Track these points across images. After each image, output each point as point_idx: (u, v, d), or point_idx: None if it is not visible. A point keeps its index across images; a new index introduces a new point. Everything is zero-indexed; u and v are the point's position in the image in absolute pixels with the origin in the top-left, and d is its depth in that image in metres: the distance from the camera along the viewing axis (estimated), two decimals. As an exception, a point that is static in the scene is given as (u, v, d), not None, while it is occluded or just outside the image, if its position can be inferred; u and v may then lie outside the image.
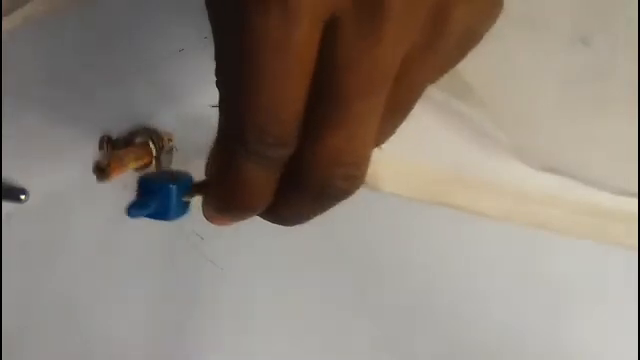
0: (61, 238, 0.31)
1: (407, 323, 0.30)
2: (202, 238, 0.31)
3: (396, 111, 0.17)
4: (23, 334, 0.30)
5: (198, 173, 0.31)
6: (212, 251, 0.31)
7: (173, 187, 0.22)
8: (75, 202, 0.32)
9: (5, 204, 0.32)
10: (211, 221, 0.20)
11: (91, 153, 0.32)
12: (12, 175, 0.32)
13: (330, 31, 0.15)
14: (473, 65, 0.31)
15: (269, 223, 0.30)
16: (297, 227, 0.30)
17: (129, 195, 0.32)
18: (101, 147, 0.31)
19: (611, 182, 0.29)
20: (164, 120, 0.32)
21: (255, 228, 0.31)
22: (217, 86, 0.17)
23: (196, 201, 0.27)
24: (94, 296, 0.30)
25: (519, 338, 0.29)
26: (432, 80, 0.18)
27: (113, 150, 0.31)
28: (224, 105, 0.18)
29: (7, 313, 0.30)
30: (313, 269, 0.30)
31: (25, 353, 0.30)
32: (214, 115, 0.33)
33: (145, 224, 0.31)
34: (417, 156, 0.30)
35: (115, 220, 0.31)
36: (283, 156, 0.17)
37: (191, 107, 0.32)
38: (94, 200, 0.32)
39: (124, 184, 0.32)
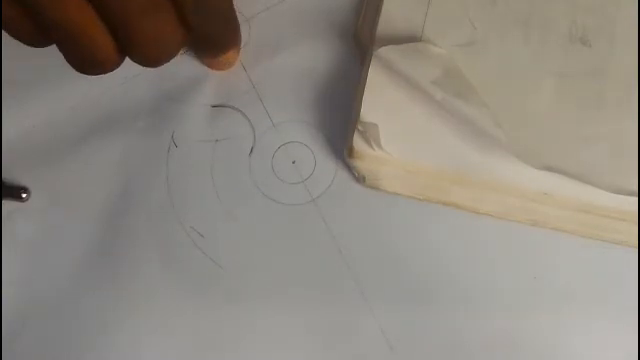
0: (59, 236, 0.31)
1: (407, 322, 0.30)
2: (202, 236, 0.31)
3: None
4: (23, 331, 0.30)
5: (199, 171, 0.32)
6: (212, 249, 0.31)
7: None
8: (74, 200, 0.32)
9: (6, 202, 0.32)
10: None
11: (91, 151, 0.32)
12: (13, 173, 0.32)
13: None
14: (473, 64, 0.31)
15: (268, 222, 0.31)
16: (297, 225, 0.31)
17: (125, 191, 0.32)
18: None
19: (611, 181, 0.29)
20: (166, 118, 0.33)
21: (255, 226, 0.31)
22: None
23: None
24: (93, 295, 0.30)
25: (519, 338, 0.29)
26: None
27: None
28: None
29: (7, 311, 0.31)
30: (313, 267, 0.30)
31: (25, 351, 0.30)
32: (213, 114, 0.33)
33: (145, 222, 0.31)
34: (417, 155, 0.30)
35: (114, 218, 0.31)
36: None
37: (192, 107, 0.33)
38: (93, 198, 0.32)
39: (123, 182, 0.32)
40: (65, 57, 0.24)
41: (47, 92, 0.33)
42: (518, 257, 0.30)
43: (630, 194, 0.29)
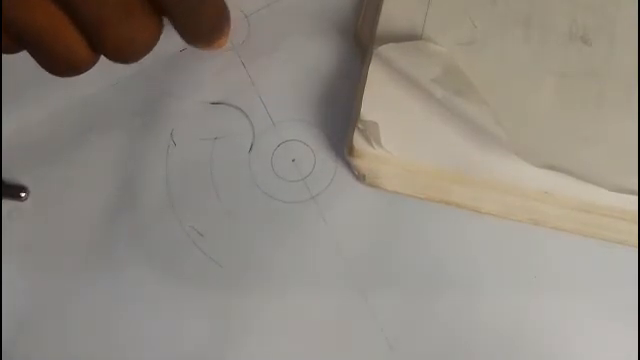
0: (59, 236, 0.31)
1: (406, 321, 0.30)
2: (202, 235, 0.31)
3: None
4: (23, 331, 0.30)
5: (198, 169, 0.32)
6: (212, 248, 0.31)
7: None
8: (73, 199, 0.32)
9: (5, 202, 0.32)
10: None
11: (90, 150, 0.32)
12: (12, 173, 0.32)
13: None
14: (474, 63, 0.31)
15: (268, 220, 0.31)
16: (296, 224, 0.31)
17: (124, 190, 0.32)
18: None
19: (611, 179, 0.29)
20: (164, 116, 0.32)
21: (254, 224, 0.31)
22: None
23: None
24: (93, 295, 0.30)
25: (519, 337, 0.29)
26: None
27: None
28: None
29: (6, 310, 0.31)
30: (312, 266, 0.30)
31: (25, 351, 0.30)
32: (212, 112, 0.33)
33: (144, 221, 0.31)
34: (417, 153, 0.30)
35: (113, 217, 0.31)
36: None
37: (191, 104, 0.32)
38: (92, 197, 0.32)
39: (122, 181, 0.32)
40: (38, 61, 0.23)
41: (46, 92, 0.33)
42: (518, 256, 0.30)
43: (631, 193, 0.29)
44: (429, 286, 0.30)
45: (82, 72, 0.24)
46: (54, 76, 0.24)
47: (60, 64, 0.23)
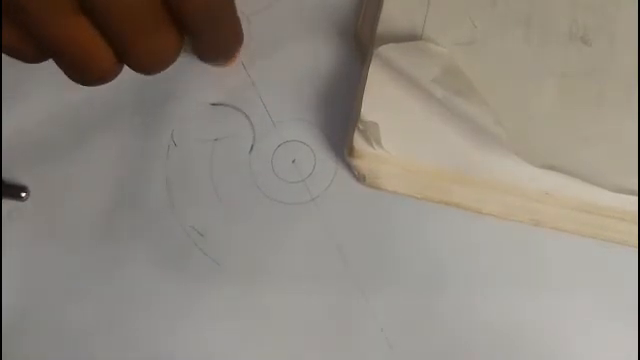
0: (59, 236, 0.31)
1: (406, 321, 0.30)
2: (202, 235, 0.31)
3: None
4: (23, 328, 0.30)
5: (199, 170, 0.32)
6: (212, 248, 0.31)
7: None
8: (73, 199, 0.32)
9: (5, 202, 0.32)
10: None
11: (91, 150, 0.32)
12: (12, 173, 0.32)
13: None
14: (474, 63, 0.31)
15: (268, 221, 0.31)
16: (297, 224, 0.31)
17: (125, 190, 0.32)
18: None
19: (611, 179, 0.29)
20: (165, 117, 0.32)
21: (254, 225, 0.31)
22: None
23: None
24: (93, 295, 0.30)
25: (519, 337, 0.29)
26: None
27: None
28: None
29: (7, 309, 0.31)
30: (312, 266, 0.30)
31: (24, 350, 0.30)
32: (213, 112, 0.33)
33: (144, 222, 0.31)
34: (417, 154, 0.30)
35: (113, 217, 0.31)
36: None
37: (191, 105, 0.32)
38: (92, 197, 0.32)
39: (122, 181, 0.32)
40: (64, 71, 0.24)
41: (46, 92, 0.33)
42: (519, 256, 0.30)
43: (631, 193, 0.29)
44: (429, 286, 0.30)
45: (107, 82, 0.24)
46: (52, 77, 0.24)
47: (87, 75, 0.24)
